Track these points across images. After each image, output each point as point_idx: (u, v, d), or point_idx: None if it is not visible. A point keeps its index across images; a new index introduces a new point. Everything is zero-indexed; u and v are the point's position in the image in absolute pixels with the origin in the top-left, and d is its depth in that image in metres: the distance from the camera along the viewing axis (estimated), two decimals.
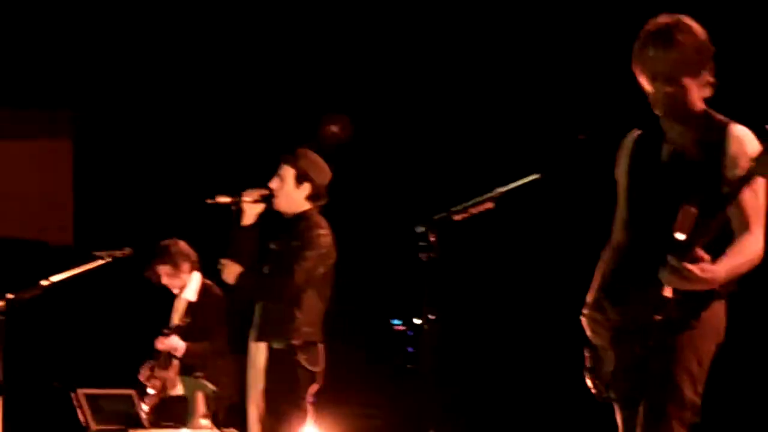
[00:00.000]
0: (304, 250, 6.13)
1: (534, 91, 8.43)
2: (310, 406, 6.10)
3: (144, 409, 7.20)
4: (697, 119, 4.28)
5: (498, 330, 8.69)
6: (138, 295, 8.09)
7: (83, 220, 10.15)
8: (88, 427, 7.14)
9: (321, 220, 6.29)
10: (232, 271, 6.21)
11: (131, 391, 7.28)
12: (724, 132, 4.23)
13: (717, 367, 4.31)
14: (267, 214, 6.33)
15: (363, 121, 9.07)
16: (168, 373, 7.32)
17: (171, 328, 7.29)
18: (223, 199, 6.25)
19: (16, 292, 6.33)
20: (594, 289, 4.47)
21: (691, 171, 4.23)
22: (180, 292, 7.46)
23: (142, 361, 7.42)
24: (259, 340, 6.20)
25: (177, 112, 9.67)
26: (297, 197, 6.29)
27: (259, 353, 6.19)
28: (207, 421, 7.10)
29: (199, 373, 7.19)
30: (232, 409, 6.64)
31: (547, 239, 8.40)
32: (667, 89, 4.24)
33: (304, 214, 6.27)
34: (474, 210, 4.40)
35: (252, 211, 6.27)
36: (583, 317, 4.44)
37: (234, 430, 6.92)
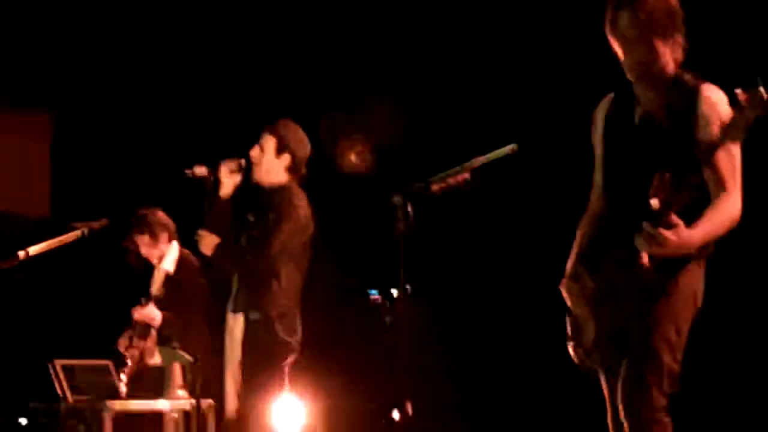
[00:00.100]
0: (281, 222, 6.11)
1: (510, 61, 8.42)
2: (288, 377, 6.10)
3: (122, 379, 7.19)
4: (668, 83, 4.28)
5: (476, 300, 8.70)
6: (115, 265, 8.06)
7: (60, 192, 10.12)
8: (65, 398, 7.14)
9: (299, 192, 6.26)
10: (209, 242, 6.20)
11: (108, 362, 7.28)
12: (695, 94, 4.22)
13: (696, 337, 4.32)
14: (245, 185, 6.31)
15: (340, 90, 9.05)
16: (146, 342, 7.31)
17: (148, 298, 7.27)
18: (201, 170, 6.23)
19: None
20: (572, 258, 4.48)
21: (662, 136, 4.23)
22: (158, 263, 7.43)
23: (119, 332, 7.40)
24: (236, 311, 6.18)
25: (154, 81, 9.63)
26: (276, 167, 6.26)
27: (237, 324, 6.17)
28: (184, 392, 7.09)
29: (175, 344, 7.17)
30: (209, 380, 6.62)
31: (526, 209, 8.39)
32: (639, 53, 4.24)
33: (282, 185, 6.25)
34: (452, 180, 4.38)
35: (229, 182, 6.25)
36: (562, 286, 4.45)
37: (211, 401, 6.92)
